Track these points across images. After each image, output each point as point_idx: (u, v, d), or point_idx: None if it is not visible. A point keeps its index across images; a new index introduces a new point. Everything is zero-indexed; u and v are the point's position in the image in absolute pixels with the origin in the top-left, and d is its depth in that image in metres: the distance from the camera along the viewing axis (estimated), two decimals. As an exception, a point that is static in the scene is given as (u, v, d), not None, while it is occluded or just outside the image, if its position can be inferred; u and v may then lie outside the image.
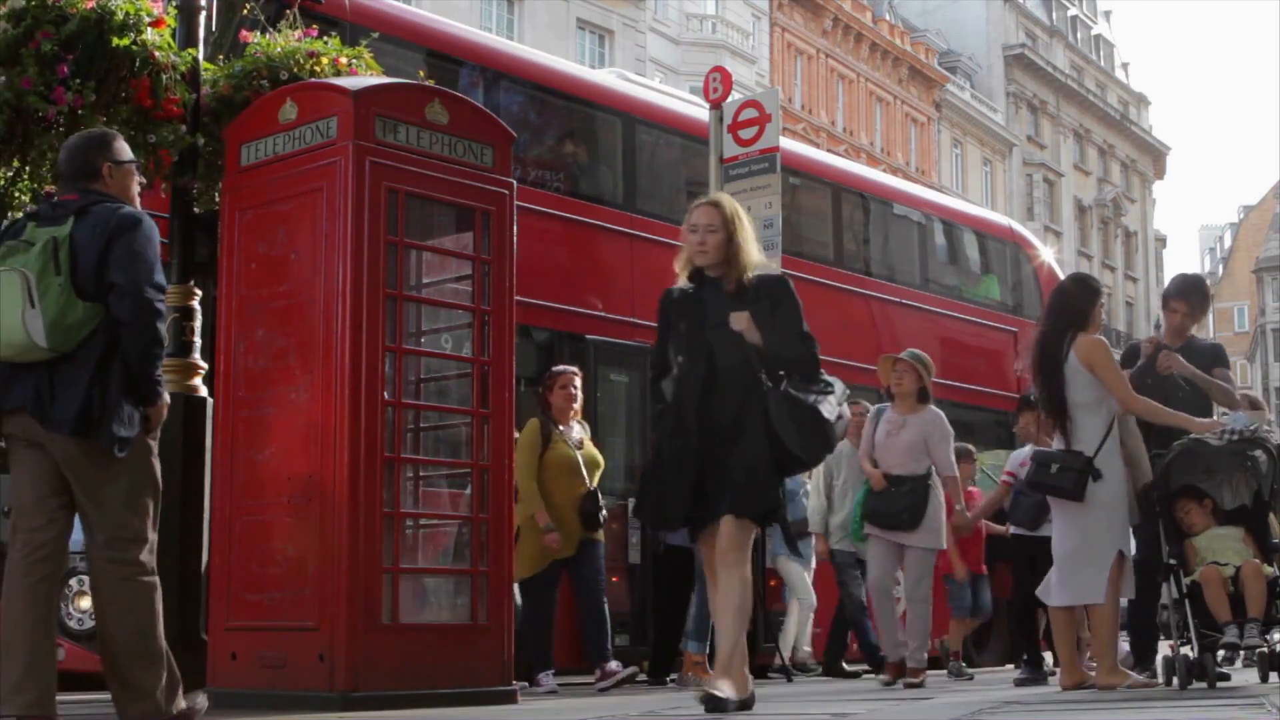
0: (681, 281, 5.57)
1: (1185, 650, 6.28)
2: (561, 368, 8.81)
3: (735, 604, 5.28)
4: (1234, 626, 6.21)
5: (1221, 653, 6.47)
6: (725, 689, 5.16)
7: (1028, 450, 8.29)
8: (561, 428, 8.50)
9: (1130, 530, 6.76)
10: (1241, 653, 6.57)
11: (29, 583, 4.60)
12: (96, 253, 4.57)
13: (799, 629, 10.89)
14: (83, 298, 4.55)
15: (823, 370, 5.44)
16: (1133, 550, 6.79)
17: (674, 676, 8.89)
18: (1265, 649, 6.28)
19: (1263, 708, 4.98)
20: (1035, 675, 8.14)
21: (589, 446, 8.70)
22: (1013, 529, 8.70)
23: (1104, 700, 6.00)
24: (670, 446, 5.41)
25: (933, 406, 8.43)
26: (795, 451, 5.28)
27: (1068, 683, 6.66)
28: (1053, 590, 6.79)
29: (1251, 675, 6.88)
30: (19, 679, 4.52)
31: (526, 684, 7.85)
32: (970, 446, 10.74)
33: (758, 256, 5.56)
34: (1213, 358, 7.43)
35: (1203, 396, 7.26)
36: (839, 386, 5.44)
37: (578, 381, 8.63)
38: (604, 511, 8.65)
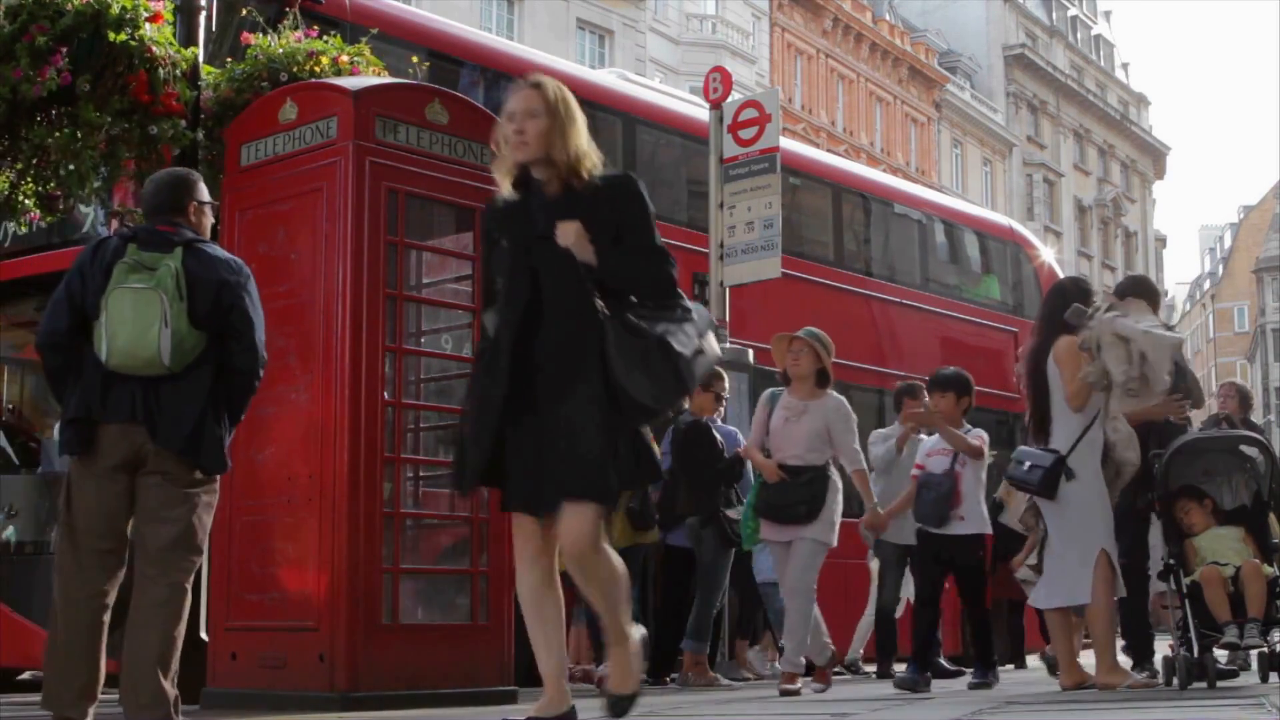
0: (505, 189, 4.43)
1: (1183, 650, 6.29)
2: None
3: (605, 596, 4.27)
4: (1234, 626, 6.21)
5: (1225, 653, 6.47)
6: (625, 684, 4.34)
7: (934, 440, 8.06)
8: None
9: (1112, 527, 6.69)
10: (1241, 653, 6.56)
11: (94, 601, 4.75)
12: (212, 290, 4.77)
13: (865, 630, 10.66)
14: (195, 327, 4.76)
15: (681, 293, 4.32)
16: (1114, 546, 6.72)
17: (674, 676, 8.89)
18: (1265, 649, 6.28)
19: (1263, 708, 4.98)
20: (916, 677, 7.47)
21: None
22: (918, 525, 8.03)
23: (1104, 700, 6.00)
24: (478, 393, 4.32)
25: (833, 392, 7.74)
26: (637, 396, 4.10)
27: (1068, 683, 6.66)
28: (1042, 593, 6.81)
29: (1251, 675, 6.89)
30: (83, 687, 4.70)
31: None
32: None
33: (593, 152, 4.43)
34: None
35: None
36: (700, 313, 4.32)
37: None
38: (656, 514, 8.47)
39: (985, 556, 8.21)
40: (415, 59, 7.80)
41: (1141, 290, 7.29)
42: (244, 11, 7.26)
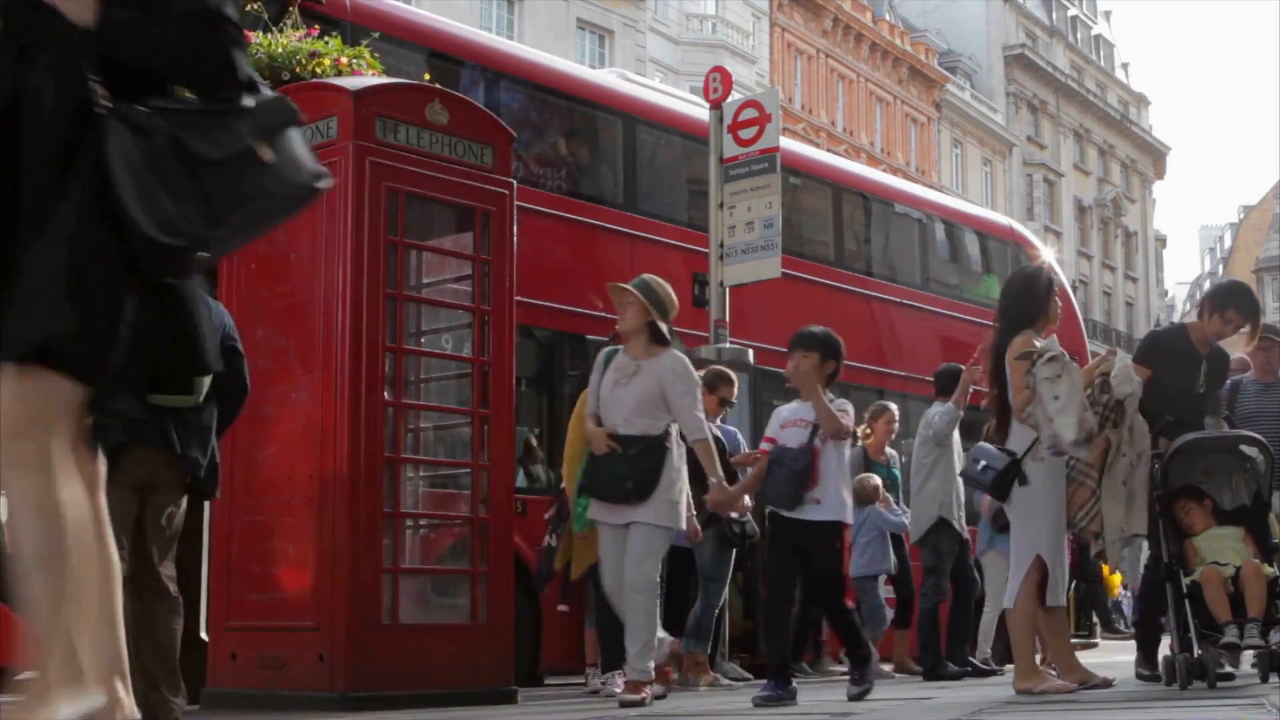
0: None
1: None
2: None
3: (35, 551, 2.56)
4: (1234, 626, 6.20)
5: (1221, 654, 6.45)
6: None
7: (791, 409, 6.72)
8: None
9: (1061, 536, 6.61)
10: (1242, 653, 6.54)
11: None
12: (220, 329, 5.08)
13: (988, 628, 10.51)
14: None
15: (248, 80, 2.81)
16: (1057, 554, 6.63)
17: (674, 676, 8.89)
18: (1265, 649, 6.28)
19: (1263, 708, 4.98)
20: (778, 693, 6.27)
21: None
22: (768, 508, 6.84)
23: (1104, 700, 6.00)
24: None
25: (674, 351, 6.70)
26: (140, 223, 2.59)
27: (1017, 686, 6.56)
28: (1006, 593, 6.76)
29: (1251, 675, 6.88)
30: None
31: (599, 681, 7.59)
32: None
33: None
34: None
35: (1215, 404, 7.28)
36: (275, 108, 2.83)
37: None
38: None
39: (843, 549, 6.90)
40: (427, 76, 7.78)
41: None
42: (249, 7, 7.26)
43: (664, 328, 6.60)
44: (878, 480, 10.13)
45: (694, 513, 7.94)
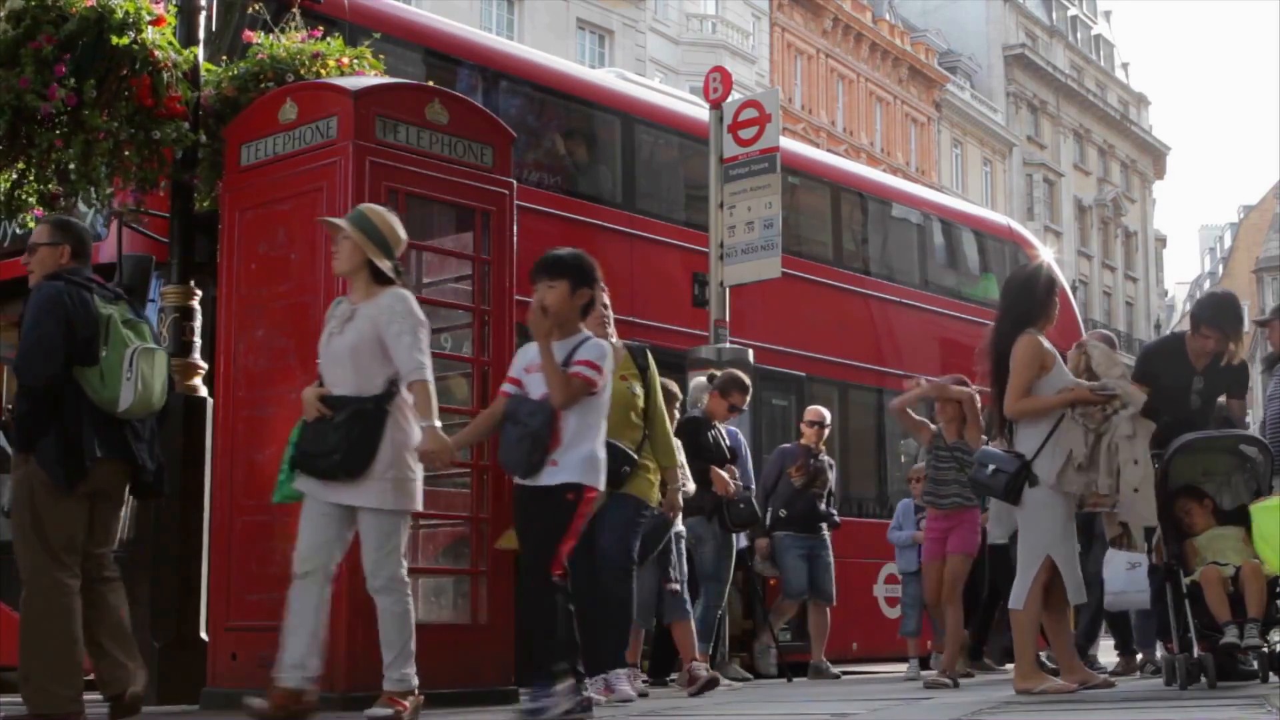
0: None
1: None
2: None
3: None
4: (1234, 626, 6.20)
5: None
6: None
7: (532, 351, 5.35)
8: None
9: (1071, 534, 6.55)
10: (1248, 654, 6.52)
11: (74, 599, 5.37)
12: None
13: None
14: None
15: None
16: (1069, 554, 6.59)
17: (674, 676, 8.89)
18: (1265, 649, 6.27)
19: (1263, 708, 4.98)
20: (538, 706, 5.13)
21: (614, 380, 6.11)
22: (515, 480, 5.43)
23: (1104, 700, 6.00)
24: None
25: (398, 289, 5.41)
26: None
27: (1019, 686, 6.53)
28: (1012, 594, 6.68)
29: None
30: (78, 681, 5.35)
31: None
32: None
33: None
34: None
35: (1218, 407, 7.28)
36: None
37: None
38: (626, 466, 6.66)
39: (574, 519, 5.26)
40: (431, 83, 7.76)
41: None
42: (250, 9, 7.26)
43: (387, 265, 5.38)
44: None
45: (682, 485, 7.48)
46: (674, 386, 8.03)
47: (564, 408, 5.19)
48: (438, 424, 5.26)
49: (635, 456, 6.78)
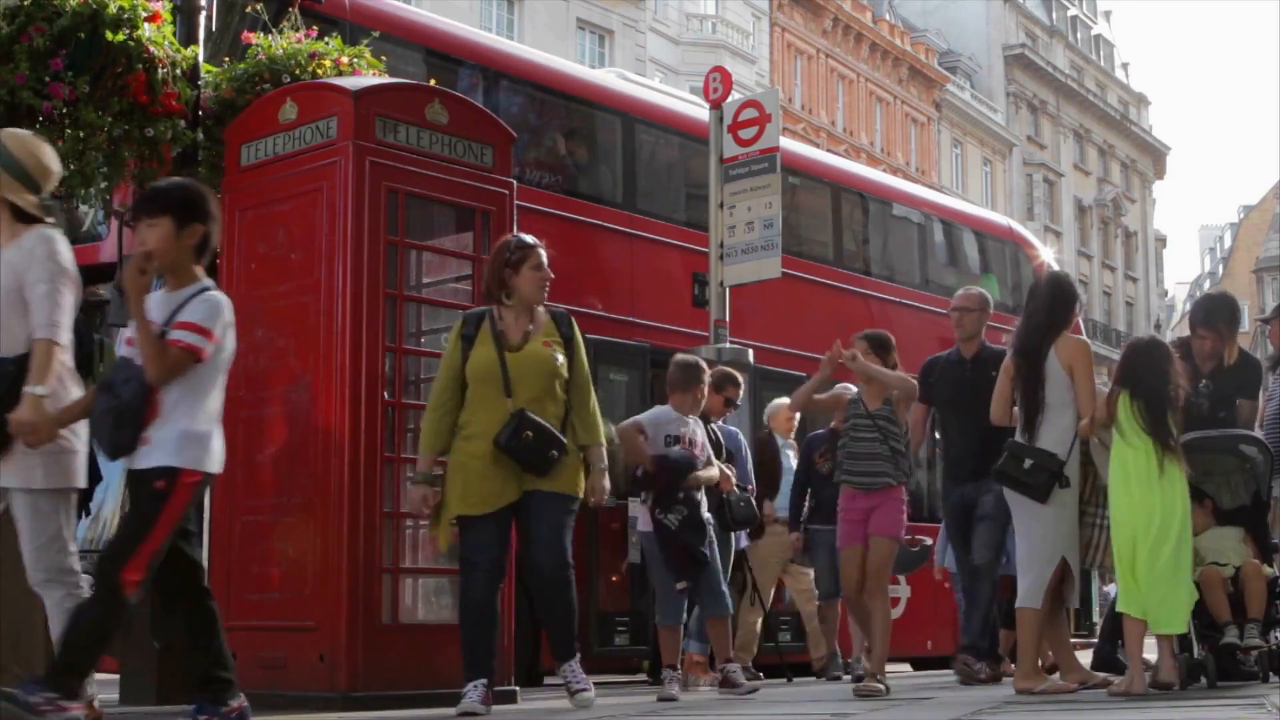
0: None
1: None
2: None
3: None
4: (1234, 626, 6.20)
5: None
6: None
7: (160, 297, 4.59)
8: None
9: (1076, 535, 6.54)
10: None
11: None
12: None
13: None
14: None
15: None
16: (1075, 555, 6.59)
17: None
18: (1265, 649, 6.28)
19: (1263, 708, 4.98)
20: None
21: (534, 344, 5.94)
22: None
23: (1103, 700, 6.00)
24: None
25: (43, 229, 4.53)
26: None
27: (1019, 686, 6.52)
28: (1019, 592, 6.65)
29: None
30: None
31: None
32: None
33: None
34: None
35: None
36: None
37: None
38: (554, 450, 5.83)
39: (165, 507, 4.42)
40: (433, 81, 7.76)
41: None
42: (249, 9, 7.25)
43: (30, 200, 4.53)
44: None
45: (643, 468, 7.20)
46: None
47: (160, 384, 4.41)
48: (43, 392, 4.37)
49: (563, 439, 5.82)
